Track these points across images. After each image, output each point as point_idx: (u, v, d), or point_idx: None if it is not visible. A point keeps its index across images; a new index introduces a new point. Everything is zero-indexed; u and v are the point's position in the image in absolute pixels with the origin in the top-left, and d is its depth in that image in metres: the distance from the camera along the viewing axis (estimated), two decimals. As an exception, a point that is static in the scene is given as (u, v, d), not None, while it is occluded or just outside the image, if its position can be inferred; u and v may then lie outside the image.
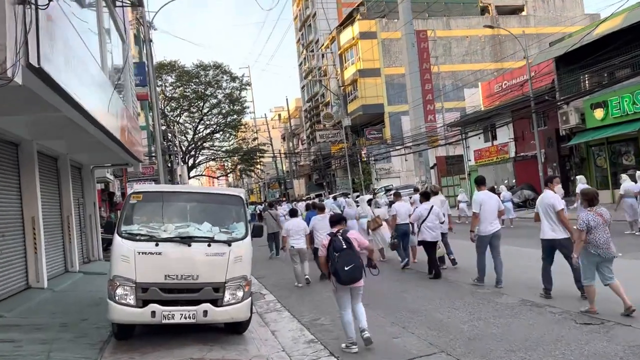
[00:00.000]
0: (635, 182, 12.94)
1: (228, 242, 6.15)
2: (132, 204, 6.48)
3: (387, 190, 30.46)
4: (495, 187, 25.65)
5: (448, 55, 45.63)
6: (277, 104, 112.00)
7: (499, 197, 11.08)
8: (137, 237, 6.08)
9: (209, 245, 6.05)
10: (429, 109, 35.08)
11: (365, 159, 44.65)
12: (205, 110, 50.79)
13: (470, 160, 31.34)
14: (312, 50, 58.84)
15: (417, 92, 34.83)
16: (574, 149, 22.83)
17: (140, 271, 5.85)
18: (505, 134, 27.73)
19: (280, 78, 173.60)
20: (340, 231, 5.97)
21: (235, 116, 52.37)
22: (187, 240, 6.07)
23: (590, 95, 20.66)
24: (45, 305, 8.51)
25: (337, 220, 6.33)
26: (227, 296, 6.05)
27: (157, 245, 5.95)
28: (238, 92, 51.65)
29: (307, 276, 10.44)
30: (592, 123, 20.73)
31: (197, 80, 49.16)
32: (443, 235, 10.51)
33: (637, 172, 13.57)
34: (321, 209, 11.35)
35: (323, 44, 54.92)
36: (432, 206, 10.08)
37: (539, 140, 23.09)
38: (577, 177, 15.78)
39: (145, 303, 5.83)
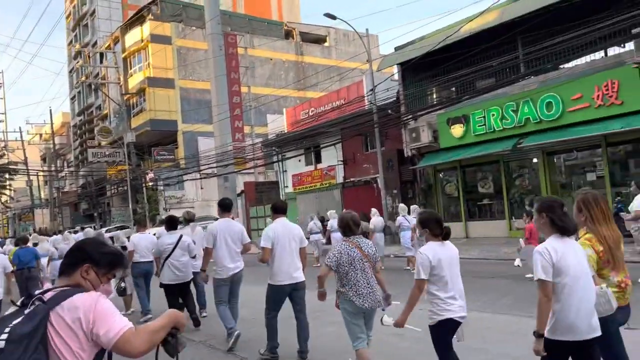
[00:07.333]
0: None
1: None
2: None
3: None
4: (324, 217, 21.16)
5: (252, 76, 40.98)
6: (38, 121, 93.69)
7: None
8: None
9: None
10: (236, 126, 29.46)
11: (151, 185, 36.53)
12: None
13: (287, 187, 26.39)
14: (89, 52, 48.58)
15: (223, 103, 29.15)
16: (418, 174, 19.42)
17: None
18: (331, 156, 23.46)
19: (44, 87, 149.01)
20: None
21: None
22: None
23: (445, 109, 17.42)
24: None
25: None
26: None
27: None
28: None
29: None
30: (448, 142, 17.41)
31: None
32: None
33: (413, 206, 13.82)
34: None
35: (103, 45, 45.53)
36: (181, 236, 7.66)
37: (381, 161, 19.23)
38: (412, 206, 14.30)
39: None
